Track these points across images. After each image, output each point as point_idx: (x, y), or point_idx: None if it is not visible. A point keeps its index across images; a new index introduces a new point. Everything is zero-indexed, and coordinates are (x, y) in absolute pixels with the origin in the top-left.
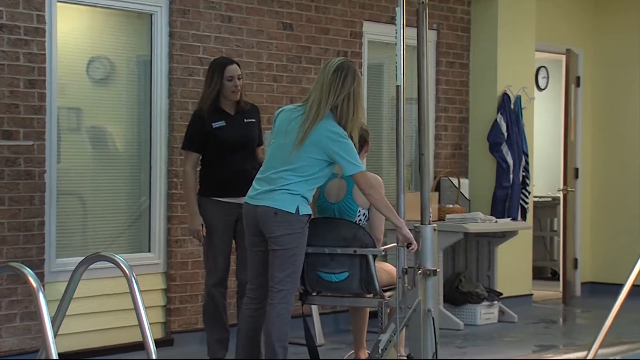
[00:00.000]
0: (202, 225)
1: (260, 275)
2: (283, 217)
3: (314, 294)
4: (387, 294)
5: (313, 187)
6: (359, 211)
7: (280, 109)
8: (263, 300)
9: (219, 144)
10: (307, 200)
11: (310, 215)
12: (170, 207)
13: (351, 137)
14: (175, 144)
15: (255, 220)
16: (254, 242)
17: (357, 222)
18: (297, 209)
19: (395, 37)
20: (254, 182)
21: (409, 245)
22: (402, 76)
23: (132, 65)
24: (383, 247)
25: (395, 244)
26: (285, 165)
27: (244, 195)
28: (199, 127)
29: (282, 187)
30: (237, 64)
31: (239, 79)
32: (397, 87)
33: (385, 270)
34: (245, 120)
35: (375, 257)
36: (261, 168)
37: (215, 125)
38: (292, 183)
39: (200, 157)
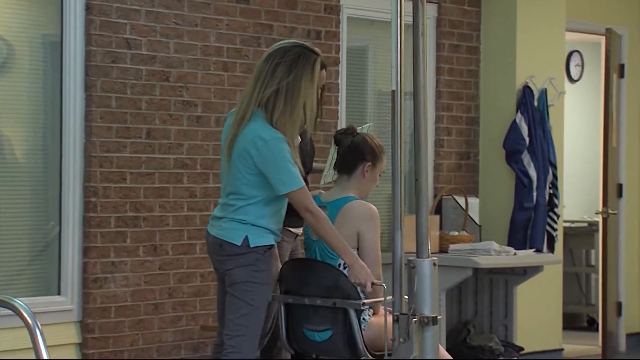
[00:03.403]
0: None
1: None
2: (229, 250)
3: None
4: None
5: (269, 211)
6: None
7: (230, 112)
8: None
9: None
10: (266, 228)
11: (270, 246)
12: (87, 236)
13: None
14: (94, 152)
15: (210, 251)
16: (217, 277)
17: (340, 266)
18: (246, 240)
19: (391, 20)
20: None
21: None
22: (397, 77)
23: (36, 49)
24: (367, 301)
25: (381, 298)
26: (228, 185)
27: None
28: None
29: (229, 214)
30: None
31: (322, 89)
32: (393, 92)
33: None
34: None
35: (360, 311)
36: None
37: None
38: (238, 208)
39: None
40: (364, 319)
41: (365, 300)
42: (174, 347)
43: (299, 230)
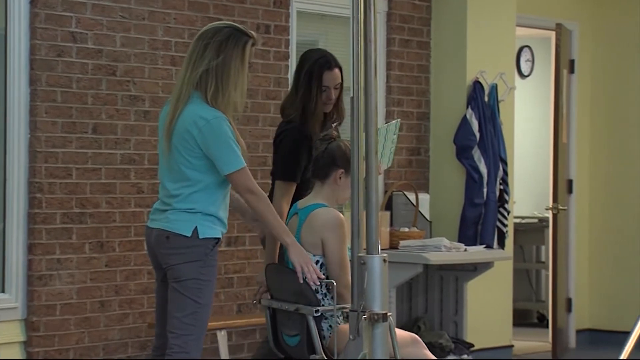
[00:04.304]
0: None
1: (165, 316)
2: (176, 242)
3: None
4: None
5: (217, 197)
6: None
7: (166, 102)
8: None
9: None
10: (216, 217)
11: (218, 239)
12: (31, 233)
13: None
14: (39, 147)
15: (151, 246)
16: (157, 274)
17: (317, 263)
18: (195, 231)
19: (351, 16)
20: (154, 203)
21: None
22: (357, 85)
23: None
24: (320, 308)
25: (332, 307)
26: (171, 173)
27: None
28: (307, 148)
29: (175, 204)
30: (340, 68)
31: (335, 88)
32: (351, 99)
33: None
34: None
35: (320, 317)
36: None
37: None
38: (185, 197)
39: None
40: (330, 326)
41: (319, 307)
42: (120, 345)
43: None
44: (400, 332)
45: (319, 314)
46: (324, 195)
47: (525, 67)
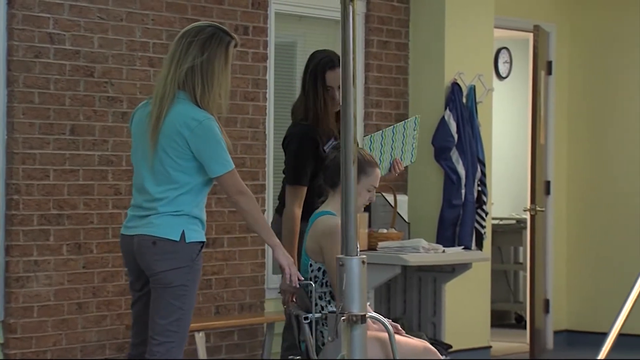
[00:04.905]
0: None
1: (146, 328)
2: (164, 247)
3: None
4: None
5: (200, 200)
6: (310, 265)
7: (136, 108)
8: None
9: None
10: (199, 220)
11: (204, 243)
12: (9, 234)
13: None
14: (16, 149)
15: (132, 254)
16: (135, 284)
17: (310, 266)
18: (183, 235)
19: (341, 17)
20: (128, 210)
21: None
22: (350, 98)
23: None
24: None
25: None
26: (155, 176)
27: None
28: (312, 151)
29: (160, 207)
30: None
31: (339, 88)
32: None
33: (378, 341)
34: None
35: (314, 322)
36: (133, 190)
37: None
38: (172, 200)
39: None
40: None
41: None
42: (98, 347)
43: None
44: (412, 342)
45: (308, 320)
46: (336, 203)
47: (503, 69)
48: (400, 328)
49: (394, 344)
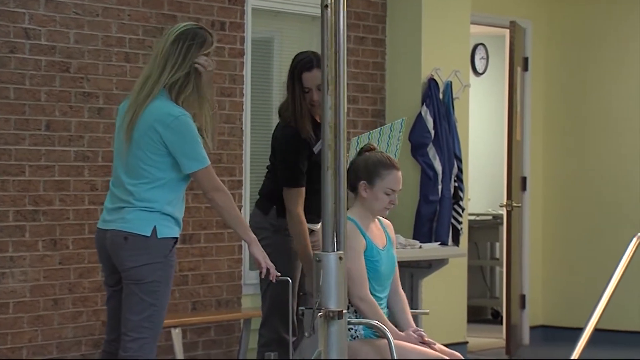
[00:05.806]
0: None
1: (119, 324)
2: (136, 243)
3: None
4: None
5: (175, 197)
6: None
7: (123, 101)
8: None
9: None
10: (172, 217)
11: (176, 239)
12: None
13: (199, 130)
14: None
15: (105, 250)
16: (109, 280)
17: None
18: (155, 231)
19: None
20: (106, 202)
21: (267, 271)
22: (339, 104)
23: None
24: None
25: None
26: (128, 171)
27: None
28: (304, 150)
29: (132, 202)
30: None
31: (319, 89)
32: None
33: (376, 346)
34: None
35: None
36: (111, 182)
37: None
38: (142, 193)
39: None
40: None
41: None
42: (74, 344)
43: (316, 226)
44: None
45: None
46: (357, 207)
47: (479, 65)
48: (426, 337)
49: (392, 347)
